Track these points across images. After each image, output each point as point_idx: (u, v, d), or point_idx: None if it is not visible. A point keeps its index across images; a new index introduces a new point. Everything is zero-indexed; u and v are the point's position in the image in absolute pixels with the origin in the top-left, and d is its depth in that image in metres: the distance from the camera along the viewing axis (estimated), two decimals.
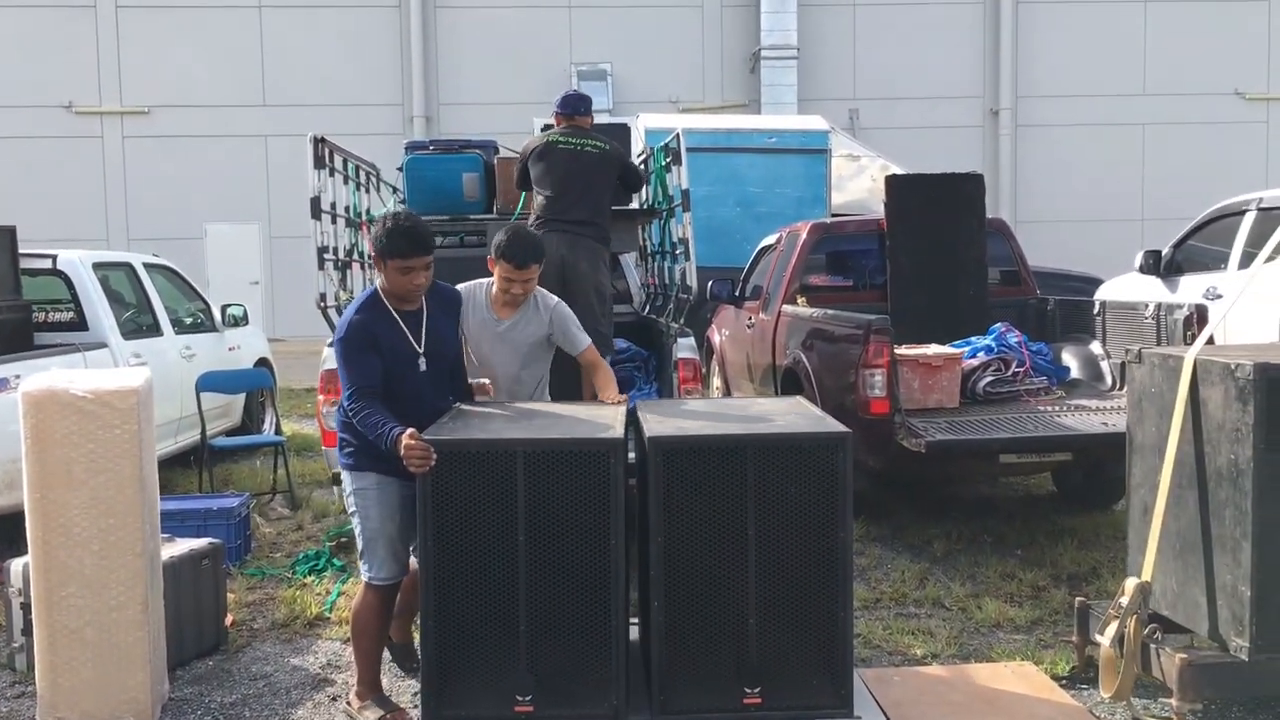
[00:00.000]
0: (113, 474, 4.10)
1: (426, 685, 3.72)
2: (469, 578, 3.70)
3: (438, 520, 3.70)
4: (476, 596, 3.71)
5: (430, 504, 3.69)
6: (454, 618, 3.71)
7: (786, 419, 4.13)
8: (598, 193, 6.50)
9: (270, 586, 5.88)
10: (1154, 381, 4.30)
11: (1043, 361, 6.93)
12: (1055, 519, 6.91)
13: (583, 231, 6.34)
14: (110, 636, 4.09)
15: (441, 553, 3.71)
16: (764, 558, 3.77)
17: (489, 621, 3.70)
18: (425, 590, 3.71)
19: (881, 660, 4.77)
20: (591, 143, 6.51)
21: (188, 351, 8.52)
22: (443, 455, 3.67)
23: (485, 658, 3.72)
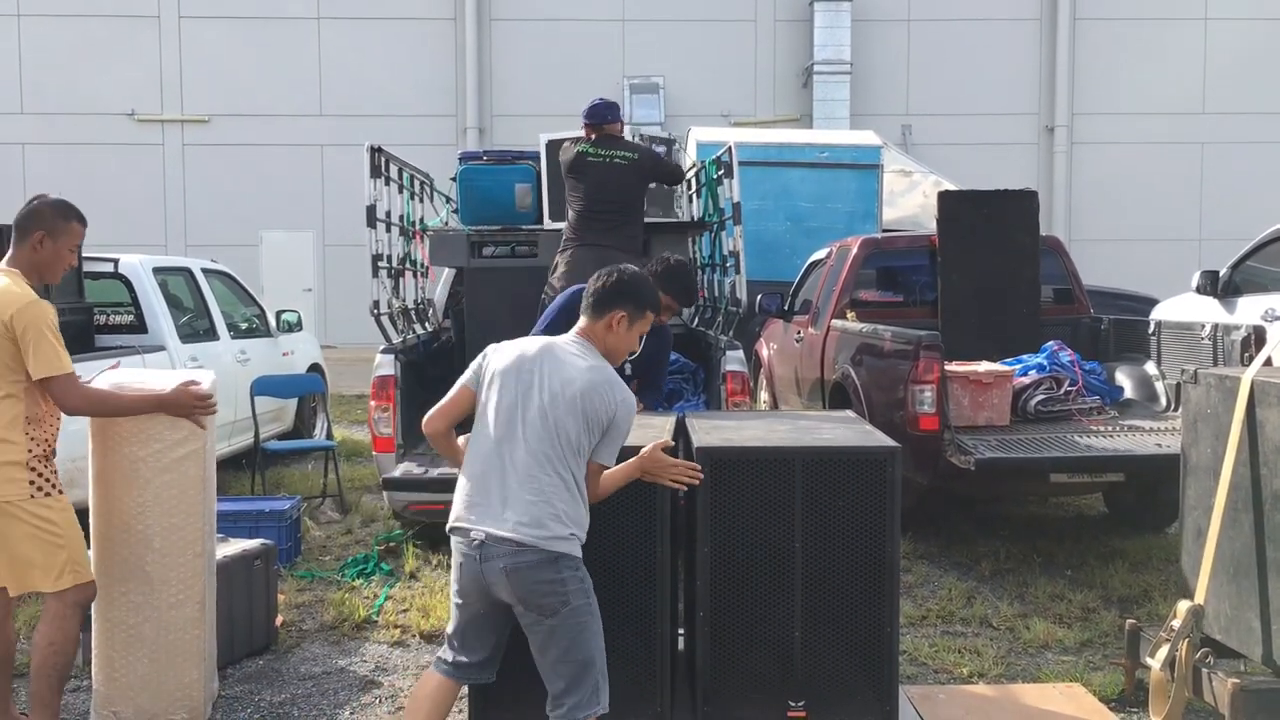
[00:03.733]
0: (177, 474, 4.18)
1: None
2: None
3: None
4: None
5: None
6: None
7: (835, 432, 4.13)
8: (629, 204, 6.48)
9: (319, 589, 5.95)
10: (1210, 402, 4.25)
11: (1096, 381, 6.86)
12: (1106, 540, 6.83)
13: (615, 244, 6.31)
14: (167, 634, 4.17)
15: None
16: (811, 570, 3.77)
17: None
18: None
19: (927, 678, 4.74)
20: (620, 153, 6.49)
21: (242, 356, 8.66)
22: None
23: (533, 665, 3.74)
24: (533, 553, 3.23)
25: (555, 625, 3.26)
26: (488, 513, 3.29)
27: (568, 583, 3.26)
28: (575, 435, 3.32)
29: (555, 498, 3.28)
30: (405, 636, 5.23)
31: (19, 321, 3.73)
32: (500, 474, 3.32)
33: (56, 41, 20.68)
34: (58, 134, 20.53)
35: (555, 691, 3.32)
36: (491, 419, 3.37)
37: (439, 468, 5.80)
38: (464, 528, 3.35)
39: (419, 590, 5.85)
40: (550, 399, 3.32)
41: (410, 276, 7.49)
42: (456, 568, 3.38)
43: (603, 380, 3.37)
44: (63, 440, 6.19)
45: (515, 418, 3.34)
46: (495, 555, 3.25)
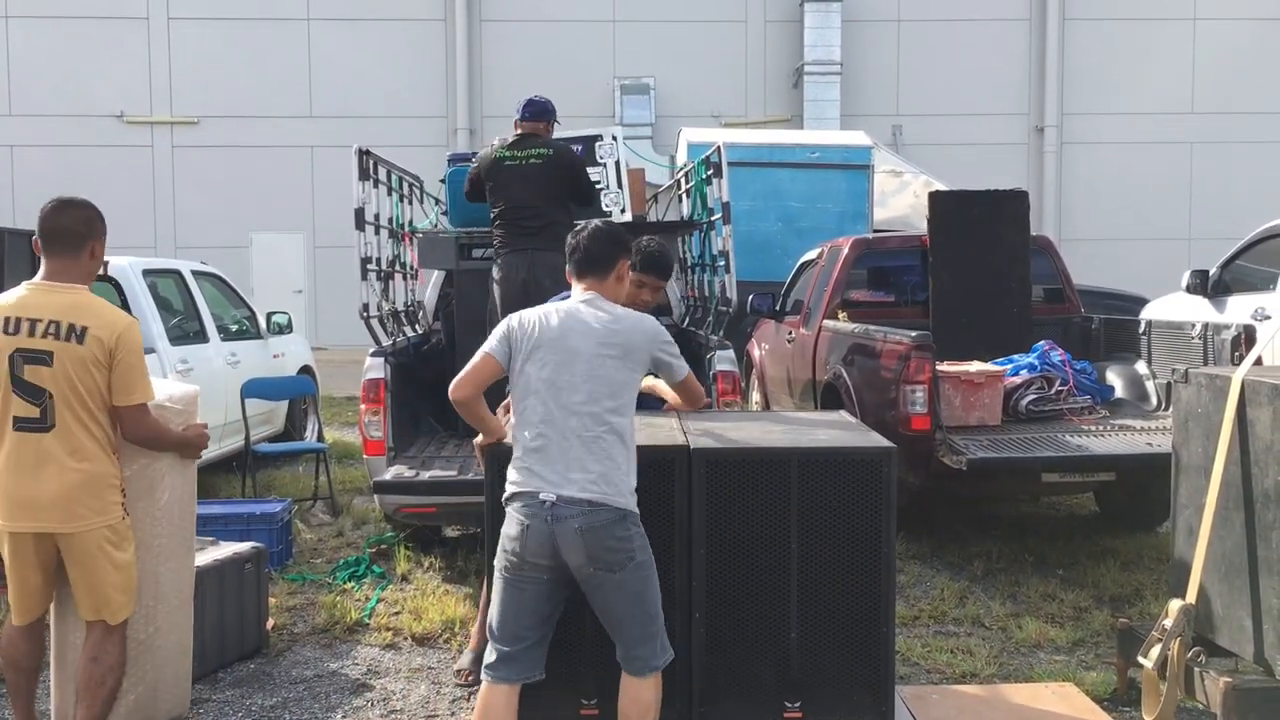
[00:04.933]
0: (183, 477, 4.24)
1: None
2: None
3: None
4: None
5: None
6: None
7: (830, 432, 4.13)
8: (549, 204, 6.31)
9: (311, 591, 5.94)
10: (1201, 402, 4.26)
11: (1086, 380, 6.87)
12: (1098, 539, 6.84)
13: (541, 245, 6.19)
14: (155, 637, 4.14)
15: None
16: (807, 571, 3.77)
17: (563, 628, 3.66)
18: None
19: (920, 678, 4.74)
20: (535, 152, 6.33)
21: (233, 358, 8.63)
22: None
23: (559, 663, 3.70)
24: (605, 511, 3.30)
25: (622, 580, 3.33)
26: (554, 476, 3.33)
27: (634, 539, 3.35)
28: (624, 381, 3.45)
29: (617, 455, 3.38)
30: (397, 639, 5.21)
31: (124, 344, 3.69)
32: (560, 439, 3.36)
33: (45, 43, 20.61)
34: (46, 136, 20.46)
35: (627, 645, 3.40)
36: (538, 388, 3.41)
37: (430, 471, 5.78)
38: (529, 491, 3.34)
39: (411, 593, 5.83)
40: (592, 356, 3.41)
41: (400, 279, 7.46)
42: (518, 536, 3.34)
43: (631, 318, 3.55)
44: None
45: (562, 383, 3.39)
46: (568, 516, 3.28)
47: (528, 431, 3.40)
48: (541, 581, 3.36)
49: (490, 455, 3.72)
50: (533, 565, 3.33)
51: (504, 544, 3.39)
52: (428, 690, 4.61)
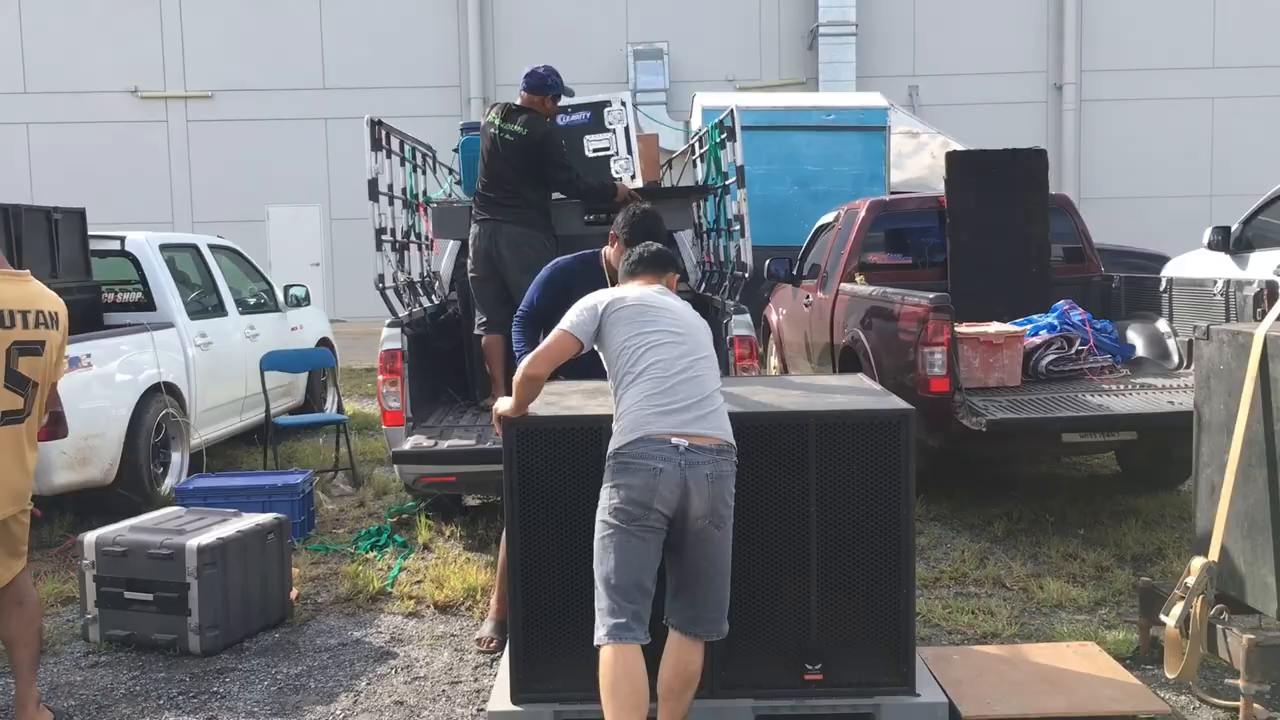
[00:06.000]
0: None
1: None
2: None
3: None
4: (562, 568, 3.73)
5: None
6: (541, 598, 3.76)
7: (848, 395, 4.11)
8: (517, 183, 6.42)
9: (333, 562, 5.98)
10: (1223, 358, 4.22)
11: (1107, 339, 6.82)
12: (1119, 499, 6.81)
13: (505, 218, 6.39)
14: None
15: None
16: (826, 534, 3.77)
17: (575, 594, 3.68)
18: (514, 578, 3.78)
19: (941, 639, 4.74)
20: (514, 129, 6.39)
21: (251, 331, 8.66)
22: None
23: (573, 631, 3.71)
24: (728, 460, 3.40)
25: (722, 537, 3.39)
26: (682, 421, 3.37)
27: (734, 494, 3.44)
28: (708, 339, 3.68)
29: (724, 402, 3.56)
30: (420, 607, 5.25)
31: (65, 320, 3.86)
32: (685, 384, 3.44)
33: (57, 20, 20.59)
34: (61, 113, 20.49)
35: (703, 606, 3.40)
36: (659, 340, 3.52)
37: (449, 440, 5.80)
38: (660, 436, 3.34)
39: (433, 562, 5.86)
40: (697, 326, 3.66)
41: (415, 249, 7.45)
42: (645, 485, 3.30)
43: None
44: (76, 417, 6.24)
45: (677, 345, 3.52)
46: (701, 461, 3.32)
47: (646, 379, 3.45)
48: (661, 532, 3.35)
49: (509, 424, 3.72)
50: (659, 515, 3.31)
51: (624, 494, 3.32)
52: (451, 657, 4.64)
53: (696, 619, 3.40)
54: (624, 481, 3.33)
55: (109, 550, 4.77)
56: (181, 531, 4.84)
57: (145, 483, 6.83)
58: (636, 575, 3.31)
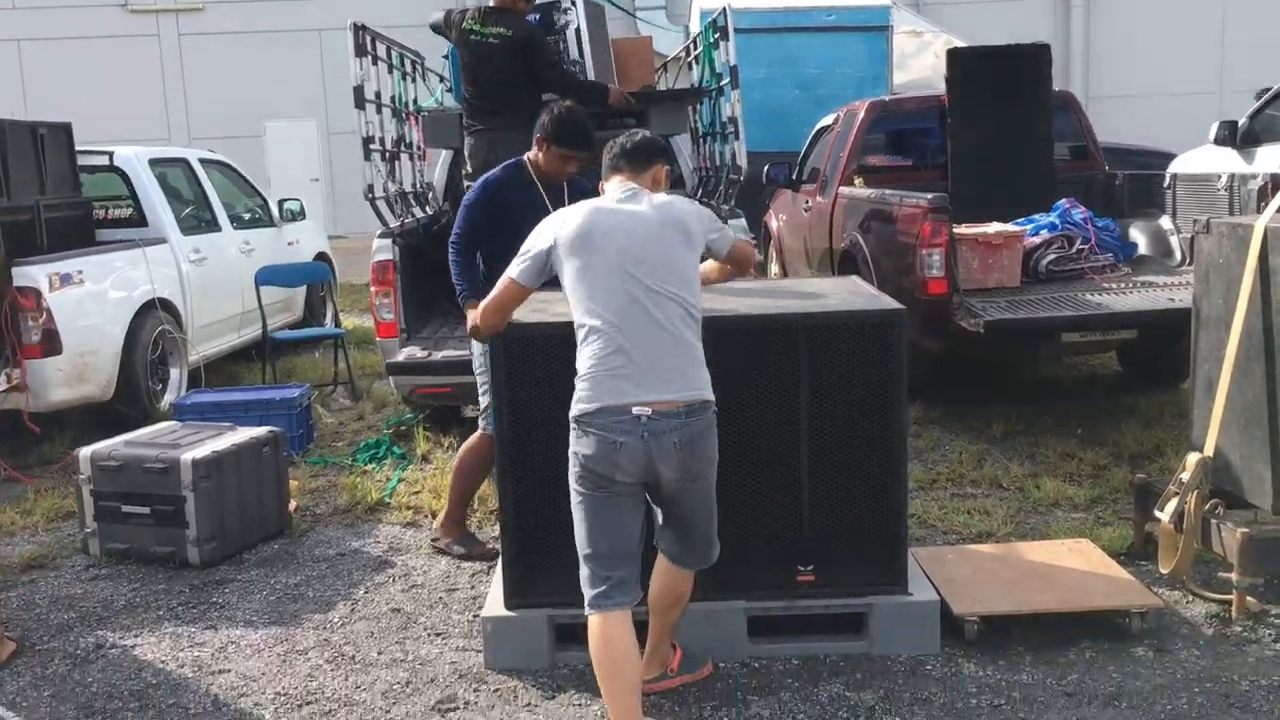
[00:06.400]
0: None
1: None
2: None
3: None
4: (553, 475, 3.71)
5: None
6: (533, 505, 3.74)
7: (841, 297, 4.05)
8: (509, 86, 6.13)
9: (332, 474, 5.99)
10: (1222, 252, 4.15)
11: (1108, 238, 6.73)
12: (1119, 398, 6.78)
13: (504, 125, 6.06)
14: None
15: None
16: (818, 436, 3.74)
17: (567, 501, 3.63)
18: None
19: (936, 540, 4.75)
20: (496, 31, 6.13)
21: (246, 247, 8.59)
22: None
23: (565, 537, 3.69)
24: (699, 417, 3.09)
25: (702, 487, 3.21)
26: (643, 384, 3.04)
27: (715, 442, 3.20)
28: (690, 263, 3.22)
29: (696, 345, 3.17)
30: (418, 518, 5.27)
31: None
32: (639, 335, 3.07)
33: None
34: (52, 28, 20.13)
35: (691, 545, 3.29)
36: (603, 281, 3.11)
37: (443, 351, 5.77)
38: (620, 405, 3.03)
39: (431, 472, 5.88)
40: (657, 237, 3.17)
41: (406, 159, 7.35)
42: (605, 456, 3.04)
43: (679, 200, 3.36)
44: (71, 334, 6.22)
45: (631, 269, 3.10)
46: (666, 430, 3.03)
47: (598, 335, 3.09)
48: (636, 496, 3.14)
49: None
50: (624, 484, 3.08)
51: (585, 464, 3.08)
52: (448, 565, 4.67)
53: (683, 554, 3.31)
54: (584, 451, 3.09)
55: (104, 465, 4.78)
56: (176, 445, 4.84)
57: (144, 399, 6.84)
58: (611, 541, 3.13)
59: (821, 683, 3.55)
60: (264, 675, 3.74)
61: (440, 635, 4.01)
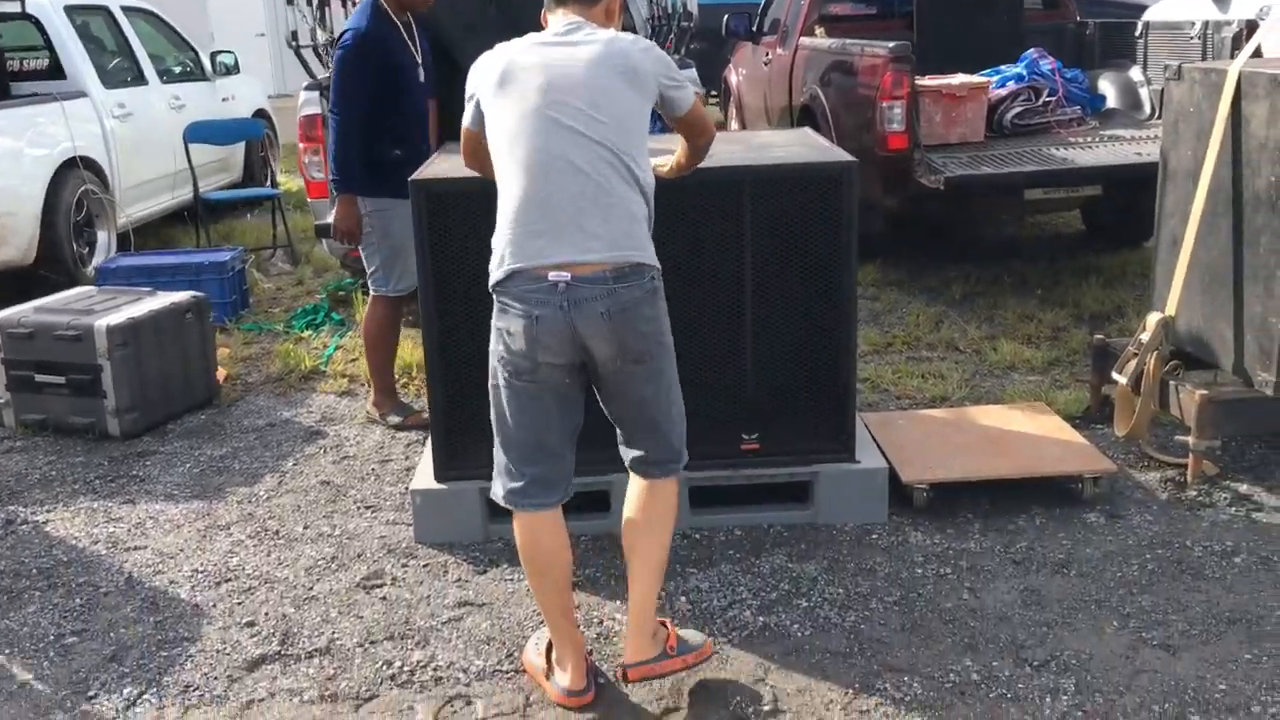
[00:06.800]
0: None
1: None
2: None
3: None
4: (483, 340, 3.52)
5: None
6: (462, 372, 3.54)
7: (789, 149, 3.80)
8: None
9: (266, 341, 5.75)
10: (1193, 99, 3.92)
11: (1077, 90, 6.46)
12: (1082, 257, 6.61)
13: None
14: None
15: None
16: (762, 298, 3.55)
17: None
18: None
19: (889, 405, 4.61)
20: None
21: (177, 102, 8.15)
22: None
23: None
24: (633, 283, 2.56)
25: (650, 370, 2.66)
26: (563, 245, 2.53)
27: (661, 316, 2.67)
28: (634, 110, 2.64)
29: (634, 204, 2.62)
30: (354, 386, 5.06)
31: None
32: (563, 189, 2.55)
33: None
34: None
35: (651, 445, 2.75)
36: (523, 126, 2.60)
37: None
38: (535, 268, 2.53)
39: None
40: (591, 77, 2.60)
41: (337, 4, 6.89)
42: (523, 332, 2.56)
43: (628, 37, 2.72)
44: None
45: (555, 113, 2.58)
46: (590, 298, 2.53)
47: (514, 187, 2.60)
48: (562, 384, 2.64)
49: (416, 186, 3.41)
50: (549, 366, 2.60)
51: (505, 344, 2.61)
52: (382, 435, 4.48)
53: (646, 460, 2.79)
54: (503, 327, 2.62)
55: (14, 332, 4.52)
56: (90, 312, 4.58)
57: (68, 263, 6.53)
58: (532, 435, 2.68)
59: (764, 554, 3.42)
60: (182, 552, 3.57)
61: (370, 509, 3.85)
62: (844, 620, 3.03)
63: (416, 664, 2.90)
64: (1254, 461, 3.90)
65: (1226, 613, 2.98)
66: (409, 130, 4.28)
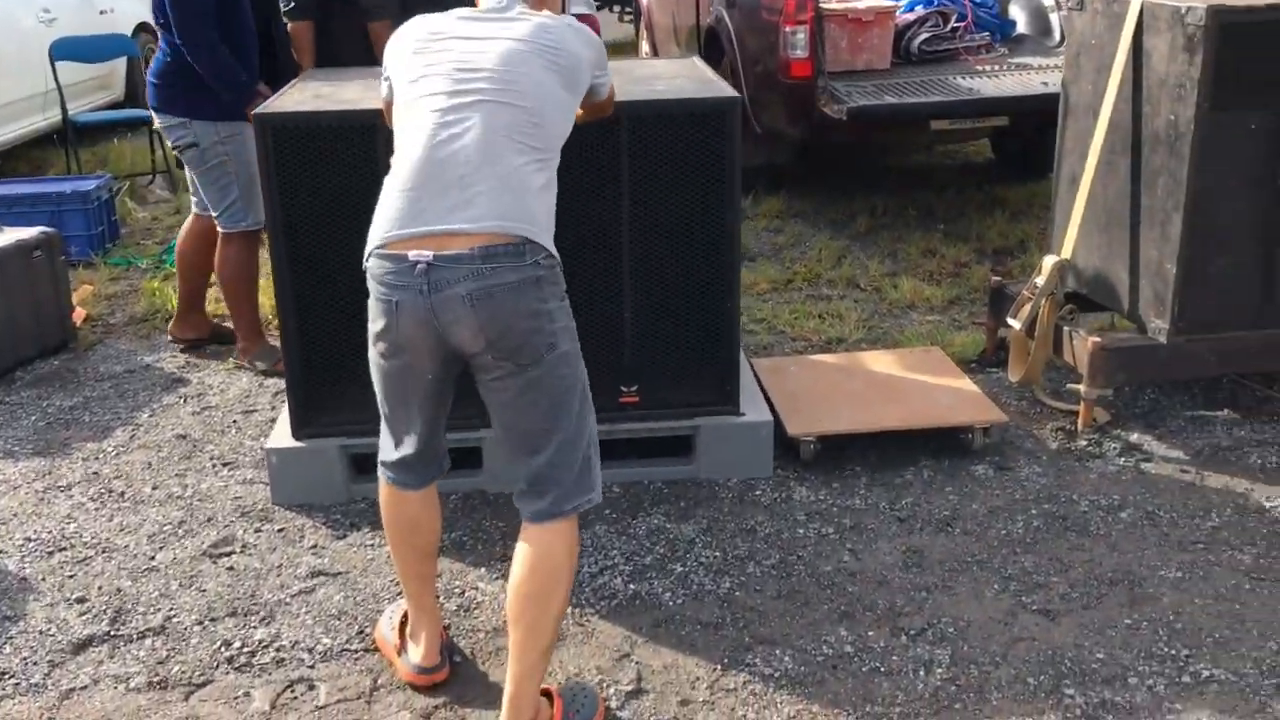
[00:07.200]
0: None
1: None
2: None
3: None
4: (339, 289, 3.28)
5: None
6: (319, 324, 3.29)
7: (673, 83, 3.56)
8: None
9: (135, 277, 5.41)
10: (1095, 31, 3.75)
11: (986, 15, 6.27)
12: (990, 189, 6.47)
13: None
14: None
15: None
16: (640, 241, 3.33)
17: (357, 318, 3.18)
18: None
19: (784, 347, 4.45)
20: None
21: (46, 15, 7.60)
22: None
23: (357, 359, 3.33)
24: (510, 268, 2.17)
25: (536, 378, 2.25)
26: (430, 213, 2.18)
27: (555, 315, 2.27)
28: (555, 99, 2.35)
29: (529, 179, 2.25)
30: (224, 323, 4.76)
31: None
32: (444, 158, 2.21)
33: None
34: None
35: (531, 474, 2.30)
36: (413, 107, 2.31)
37: None
38: (397, 241, 2.18)
39: None
40: (502, 62, 2.29)
41: None
42: (382, 318, 2.24)
43: (571, 24, 2.46)
44: None
45: (449, 93, 2.27)
46: (453, 279, 2.14)
47: (402, 154, 2.28)
48: (426, 380, 2.31)
49: (259, 120, 3.13)
50: (416, 359, 2.27)
51: (373, 328, 2.30)
52: (250, 383, 4.22)
53: (526, 496, 2.32)
54: (371, 310, 2.29)
55: None
56: None
57: None
58: (402, 419, 2.41)
59: (641, 514, 3.26)
60: (15, 517, 3.31)
61: (228, 465, 3.61)
62: (718, 587, 2.89)
63: (258, 644, 2.70)
64: (1146, 408, 3.82)
65: (1109, 573, 2.89)
66: (248, 51, 4.08)
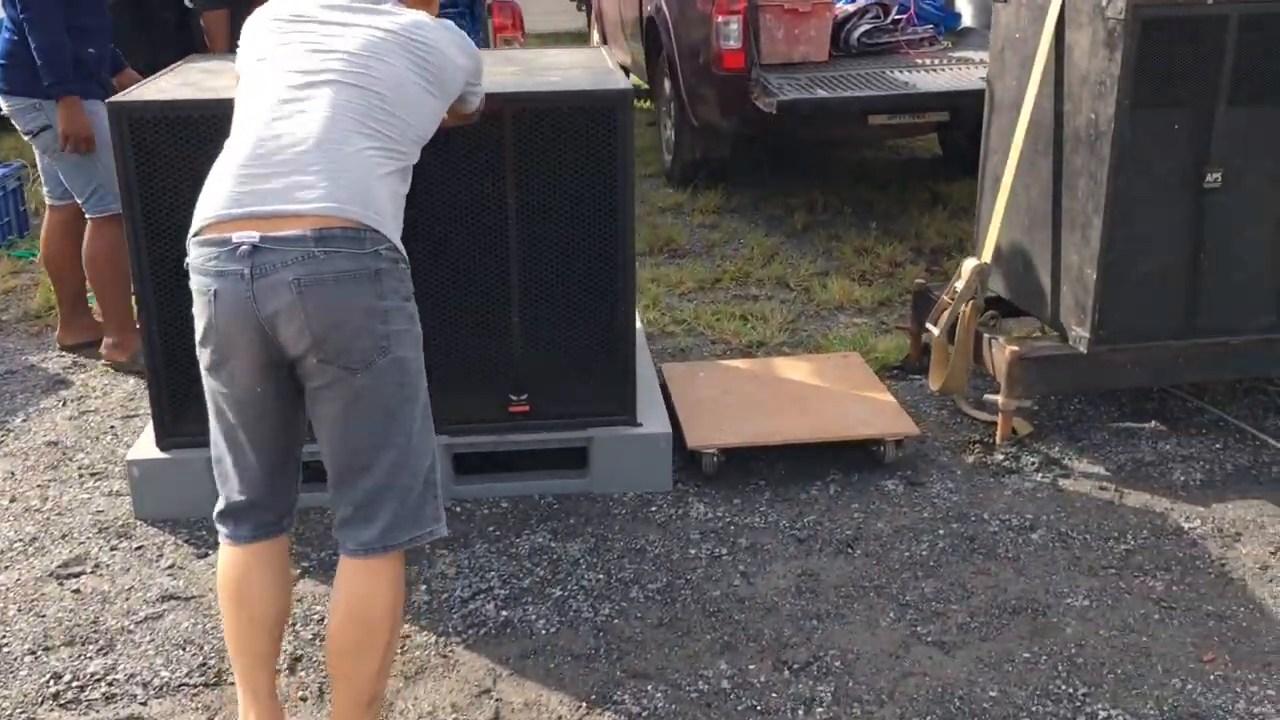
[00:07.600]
0: None
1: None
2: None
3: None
4: None
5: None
6: (183, 327, 3.08)
7: (568, 74, 3.36)
8: None
9: (38, 270, 5.16)
10: (1019, 24, 3.58)
11: (929, 6, 6.11)
12: (932, 185, 6.31)
13: None
14: None
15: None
16: (529, 244, 3.14)
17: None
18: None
19: (703, 350, 4.27)
20: None
21: None
22: None
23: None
24: (347, 255, 1.92)
25: (367, 385, 1.97)
26: (262, 193, 1.94)
27: (393, 316, 2.00)
28: (417, 100, 2.14)
29: (375, 163, 2.03)
30: None
31: None
32: (282, 136, 2.00)
33: None
34: None
35: (359, 496, 2.01)
36: (258, 88, 2.10)
37: None
38: (221, 221, 1.94)
39: None
40: (360, 53, 2.09)
41: None
42: (203, 316, 1.97)
43: (447, 27, 2.29)
44: None
45: (299, 73, 2.07)
46: (281, 263, 1.89)
47: (238, 132, 2.07)
48: (254, 394, 2.00)
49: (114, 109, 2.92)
50: (238, 364, 1.97)
51: (196, 335, 2.02)
52: (136, 385, 4.00)
53: (353, 521, 2.02)
54: (195, 311, 2.01)
55: None
56: None
57: None
58: (231, 450, 2.08)
59: (527, 531, 3.07)
60: None
61: (96, 476, 3.40)
62: (596, 614, 2.70)
63: (90, 677, 2.50)
64: (1071, 419, 3.66)
65: (1012, 601, 2.72)
66: (98, 27, 3.90)
